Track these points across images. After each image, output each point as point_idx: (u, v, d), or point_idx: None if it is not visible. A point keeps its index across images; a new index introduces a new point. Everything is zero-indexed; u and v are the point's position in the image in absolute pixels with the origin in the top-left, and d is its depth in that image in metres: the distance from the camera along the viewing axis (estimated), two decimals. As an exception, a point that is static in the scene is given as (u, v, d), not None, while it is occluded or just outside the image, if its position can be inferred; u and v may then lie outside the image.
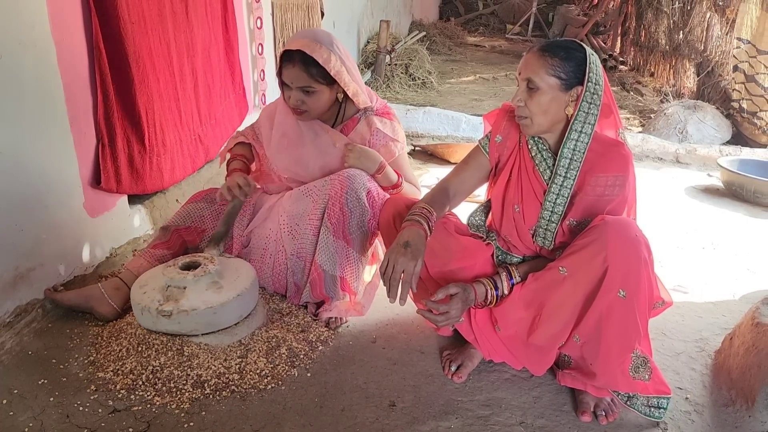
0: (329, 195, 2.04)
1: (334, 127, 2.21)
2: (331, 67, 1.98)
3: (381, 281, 1.67)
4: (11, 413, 1.63)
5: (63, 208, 2.15)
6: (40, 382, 1.75)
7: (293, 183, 2.24)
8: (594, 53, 1.67)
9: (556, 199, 1.71)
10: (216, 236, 2.14)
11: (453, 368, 1.87)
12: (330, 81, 2.02)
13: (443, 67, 8.02)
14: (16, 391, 1.71)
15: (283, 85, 2.09)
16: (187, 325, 1.85)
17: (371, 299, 2.21)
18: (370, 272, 2.26)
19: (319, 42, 1.98)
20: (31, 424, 1.59)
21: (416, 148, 4.37)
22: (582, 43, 1.69)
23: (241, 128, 2.45)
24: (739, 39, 5.27)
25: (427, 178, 3.64)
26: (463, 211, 2.08)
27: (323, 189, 2.07)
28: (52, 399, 1.68)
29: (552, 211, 1.73)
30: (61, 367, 1.82)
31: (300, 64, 1.98)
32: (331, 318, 2.09)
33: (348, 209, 2.02)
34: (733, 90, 5.37)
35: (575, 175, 1.68)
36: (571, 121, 1.65)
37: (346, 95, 2.10)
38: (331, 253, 2.05)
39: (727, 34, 5.66)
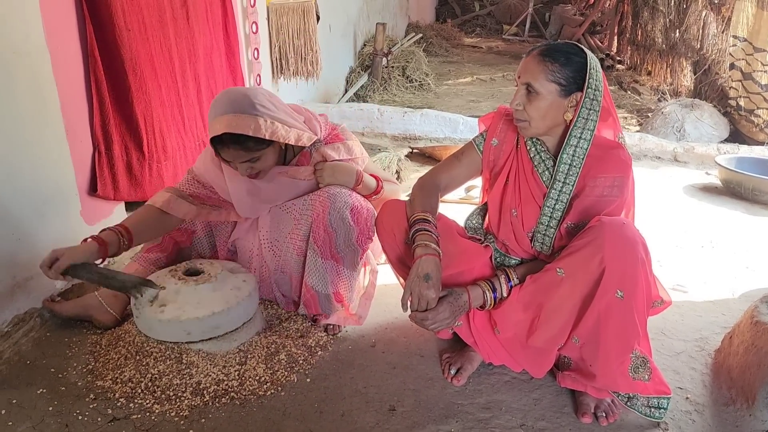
0: (312, 218, 1.98)
1: (288, 164, 2.10)
2: (263, 132, 1.82)
3: (374, 291, 1.67)
4: (10, 423, 1.62)
5: (60, 217, 2.15)
6: (38, 392, 1.74)
7: None
8: (594, 57, 1.66)
9: (555, 204, 1.71)
10: (126, 287, 1.90)
11: (453, 371, 1.87)
12: (270, 141, 1.88)
13: (440, 69, 8.02)
14: (14, 401, 1.70)
15: (224, 161, 1.94)
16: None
17: (367, 309, 2.18)
18: (363, 279, 2.24)
19: (241, 112, 1.81)
20: (30, 434, 1.59)
21: (414, 151, 4.37)
22: (582, 46, 1.68)
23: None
24: (735, 37, 5.28)
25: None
26: (460, 213, 2.08)
27: (304, 208, 2.01)
28: (51, 408, 1.68)
29: (551, 216, 1.72)
30: (60, 376, 1.82)
31: (233, 144, 1.83)
32: (329, 325, 2.09)
33: (332, 229, 1.97)
34: (730, 88, 5.38)
35: (574, 181, 1.68)
36: (571, 126, 1.65)
37: None
38: (321, 274, 2.01)
39: (723, 32, 5.67)
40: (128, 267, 2.14)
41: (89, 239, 1.84)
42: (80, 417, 1.65)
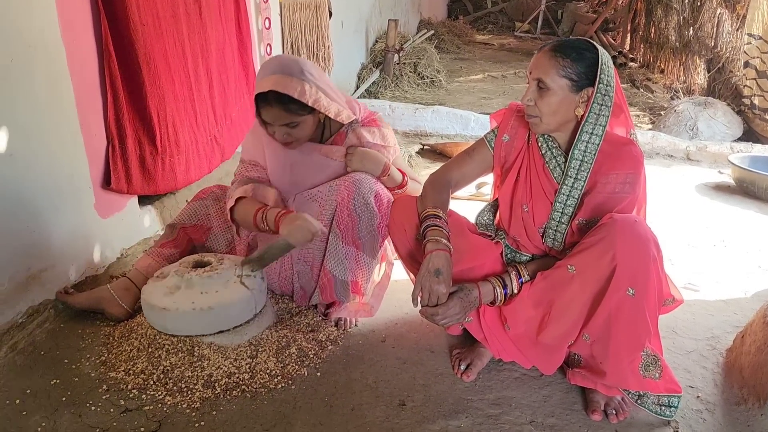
0: (337, 201, 2.00)
1: (323, 143, 2.14)
2: (308, 98, 1.88)
3: (389, 282, 1.67)
4: (24, 413, 1.64)
5: (74, 210, 2.17)
6: (52, 382, 1.76)
7: None
8: (606, 53, 1.66)
9: (566, 200, 1.71)
10: (254, 262, 2.00)
11: (462, 367, 1.87)
12: (311, 109, 1.93)
13: (452, 66, 8.00)
14: (28, 391, 1.72)
15: (263, 123, 1.99)
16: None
17: (380, 300, 2.20)
18: (378, 272, 2.25)
19: (290, 74, 1.87)
20: (43, 424, 1.60)
21: (425, 147, 4.37)
22: (594, 42, 1.68)
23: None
24: (749, 35, 5.23)
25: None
26: (471, 210, 2.08)
27: (329, 194, 2.03)
28: (64, 399, 1.70)
29: (562, 212, 1.72)
30: (73, 367, 1.84)
31: (276, 104, 1.88)
32: (340, 319, 2.10)
33: (356, 214, 1.99)
34: (744, 86, 5.33)
35: (586, 177, 1.67)
36: (582, 122, 1.65)
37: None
38: (341, 259, 2.02)
39: (737, 30, 5.62)
40: (141, 261, 2.15)
41: (282, 215, 1.92)
42: (93, 407, 1.67)
